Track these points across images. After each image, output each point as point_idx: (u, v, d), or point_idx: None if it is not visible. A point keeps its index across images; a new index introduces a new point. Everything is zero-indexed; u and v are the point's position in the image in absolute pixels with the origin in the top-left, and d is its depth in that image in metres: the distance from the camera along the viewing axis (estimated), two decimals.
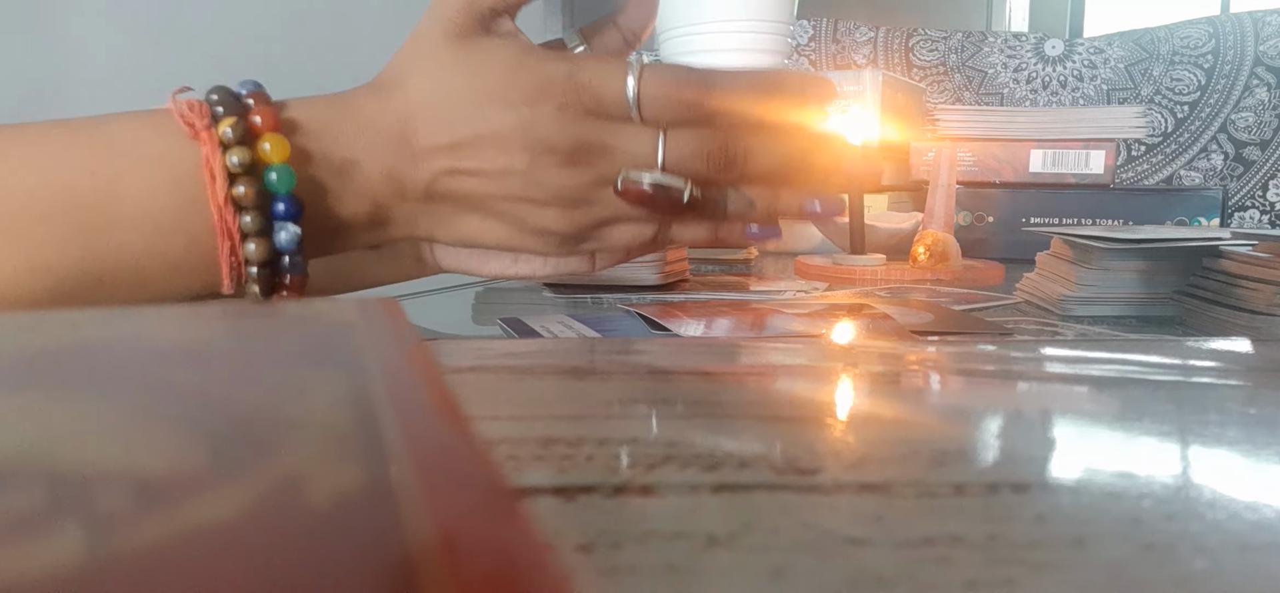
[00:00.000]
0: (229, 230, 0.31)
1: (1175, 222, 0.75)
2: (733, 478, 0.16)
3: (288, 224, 0.32)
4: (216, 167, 0.31)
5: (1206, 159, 1.20)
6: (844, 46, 1.38)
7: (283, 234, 0.32)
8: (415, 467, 0.08)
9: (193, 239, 0.31)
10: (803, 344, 0.31)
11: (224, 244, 0.31)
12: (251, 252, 0.31)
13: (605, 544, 0.13)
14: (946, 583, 0.12)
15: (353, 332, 0.15)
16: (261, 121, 0.31)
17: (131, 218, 0.30)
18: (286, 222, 0.32)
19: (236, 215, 0.31)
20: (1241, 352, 0.29)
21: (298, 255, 0.32)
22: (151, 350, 0.14)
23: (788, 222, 0.41)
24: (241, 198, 0.31)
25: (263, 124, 0.31)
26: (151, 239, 0.31)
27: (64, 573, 0.06)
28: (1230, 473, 0.17)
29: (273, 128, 0.32)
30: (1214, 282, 0.42)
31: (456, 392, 0.11)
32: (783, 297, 0.53)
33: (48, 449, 0.09)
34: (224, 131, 0.31)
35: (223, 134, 0.31)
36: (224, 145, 0.31)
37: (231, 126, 0.31)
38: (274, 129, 0.32)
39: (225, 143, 0.31)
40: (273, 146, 0.31)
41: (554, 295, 0.55)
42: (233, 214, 0.31)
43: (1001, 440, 0.19)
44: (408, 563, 0.06)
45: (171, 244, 0.31)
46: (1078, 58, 1.29)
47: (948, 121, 0.83)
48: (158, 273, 0.31)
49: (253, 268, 0.32)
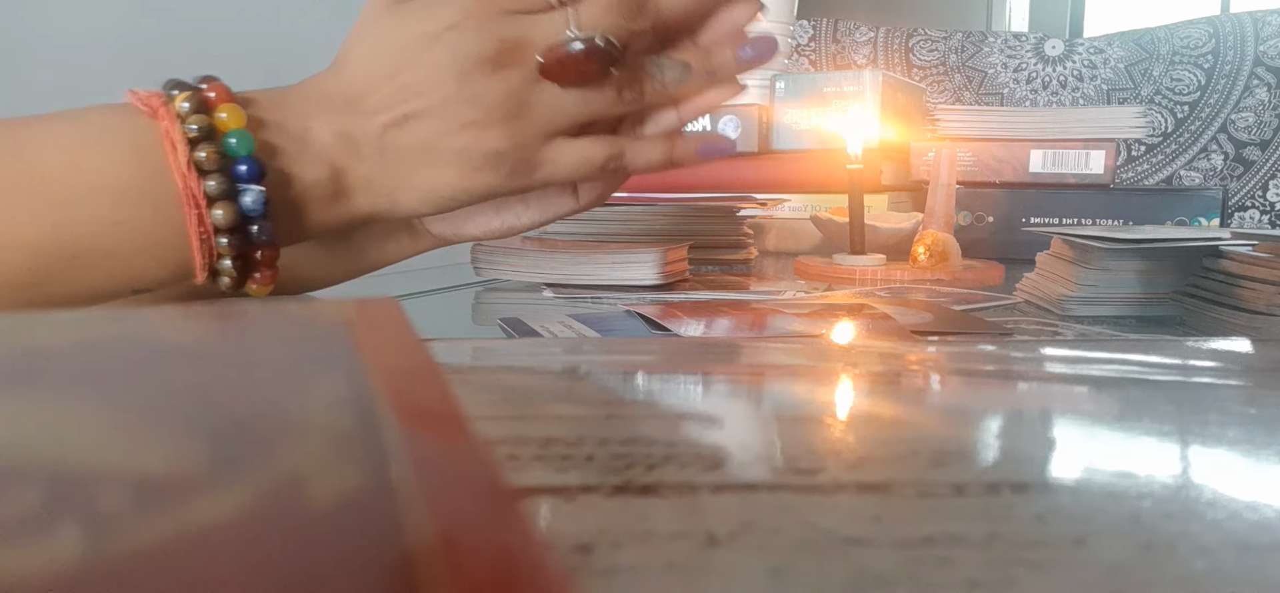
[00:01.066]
0: (194, 196, 0.32)
1: (1175, 222, 0.75)
2: (733, 478, 0.16)
3: (251, 186, 0.33)
4: (176, 137, 0.32)
5: (1206, 159, 1.20)
6: (844, 46, 1.38)
7: (247, 197, 0.33)
8: (415, 467, 0.08)
9: (158, 208, 0.32)
10: (803, 344, 0.31)
11: (191, 212, 0.32)
12: (219, 218, 0.33)
13: (605, 544, 0.13)
14: (946, 583, 0.12)
15: (353, 332, 0.15)
16: (215, 96, 0.33)
17: (99, 189, 0.32)
18: (250, 183, 0.33)
19: (200, 180, 0.32)
20: (1241, 352, 0.29)
21: (265, 220, 0.34)
22: (151, 350, 0.14)
23: (726, 93, 0.42)
24: (203, 162, 0.32)
25: (216, 98, 0.33)
26: (118, 210, 0.32)
27: (64, 573, 0.06)
28: (1230, 473, 0.17)
29: (227, 100, 0.33)
30: (1214, 282, 0.42)
31: (456, 392, 0.11)
32: (783, 297, 0.53)
33: (48, 449, 0.09)
34: (180, 106, 0.33)
35: (180, 108, 0.33)
36: (181, 118, 0.32)
37: (187, 100, 0.33)
38: (228, 100, 0.33)
39: (182, 116, 0.32)
40: (229, 114, 0.33)
41: (554, 295, 0.55)
42: (196, 179, 0.32)
43: (1001, 441, 0.19)
44: (408, 563, 0.06)
45: (139, 215, 0.32)
46: (1078, 58, 1.29)
47: (948, 121, 0.83)
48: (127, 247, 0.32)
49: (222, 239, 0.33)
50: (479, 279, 0.61)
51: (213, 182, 0.32)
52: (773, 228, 0.89)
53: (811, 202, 0.87)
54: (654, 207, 0.68)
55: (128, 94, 0.33)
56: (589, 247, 0.61)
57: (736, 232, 0.70)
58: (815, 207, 0.86)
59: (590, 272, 0.57)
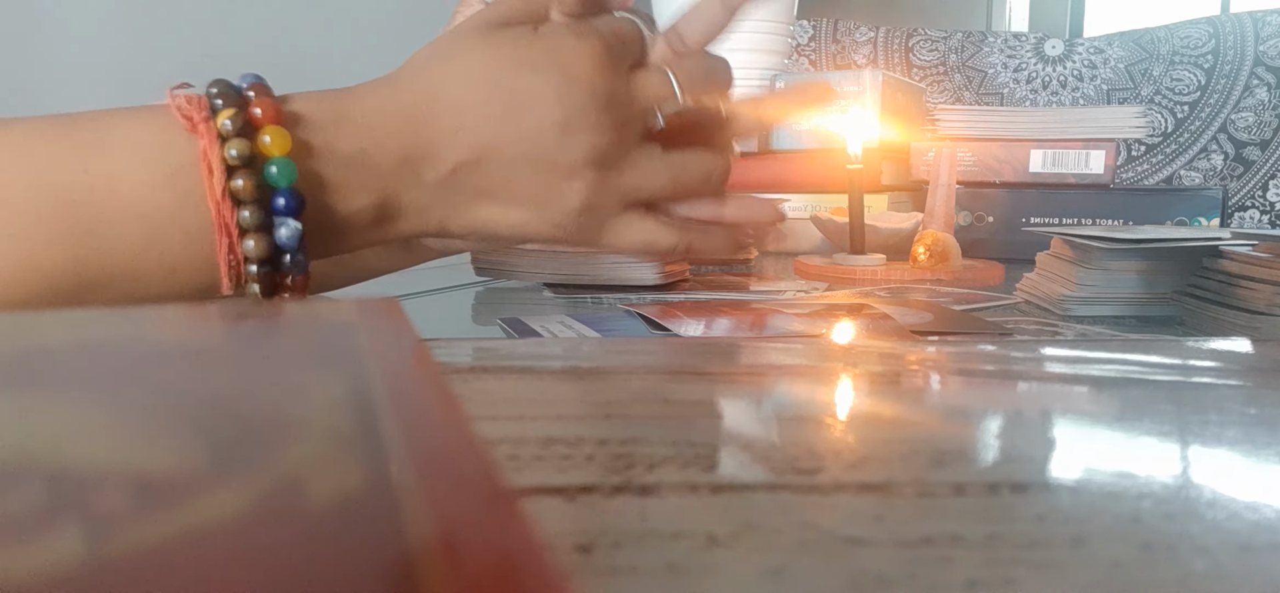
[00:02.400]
0: (227, 226, 0.30)
1: (1175, 222, 0.75)
2: (733, 478, 0.16)
3: (288, 220, 0.31)
4: (214, 160, 0.30)
5: (1206, 159, 1.20)
6: (844, 46, 1.38)
7: (283, 230, 0.31)
8: (415, 467, 0.08)
9: (189, 236, 0.30)
10: (803, 344, 0.31)
11: (222, 240, 0.30)
12: (250, 249, 0.31)
13: (605, 544, 0.13)
14: (946, 583, 0.12)
15: (353, 332, 0.15)
16: (262, 114, 0.31)
17: (126, 216, 0.30)
18: (287, 217, 0.31)
19: (234, 210, 0.30)
20: (1241, 352, 0.29)
21: (299, 254, 0.31)
22: (151, 350, 0.14)
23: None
24: (239, 192, 0.30)
25: (263, 116, 0.31)
26: (147, 237, 0.30)
27: (64, 573, 0.06)
28: (1230, 473, 0.17)
29: (274, 120, 0.31)
30: (1214, 282, 0.42)
31: (456, 392, 0.11)
32: (783, 297, 0.53)
33: (48, 449, 0.09)
34: (223, 124, 0.30)
35: (222, 126, 0.30)
36: (222, 138, 0.30)
37: (231, 119, 0.30)
38: (275, 121, 0.31)
39: (223, 136, 0.30)
40: (273, 139, 0.30)
41: (554, 295, 0.55)
42: (231, 209, 0.30)
43: (1001, 440, 0.19)
44: (408, 563, 0.06)
45: (168, 242, 0.30)
46: (1078, 58, 1.29)
47: (948, 121, 0.83)
48: (155, 272, 0.31)
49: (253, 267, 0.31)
50: (479, 279, 0.61)
51: (248, 212, 0.30)
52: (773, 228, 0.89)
53: (811, 202, 0.87)
54: None
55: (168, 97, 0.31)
56: None
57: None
58: (815, 207, 0.86)
59: (590, 272, 0.57)
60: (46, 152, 0.30)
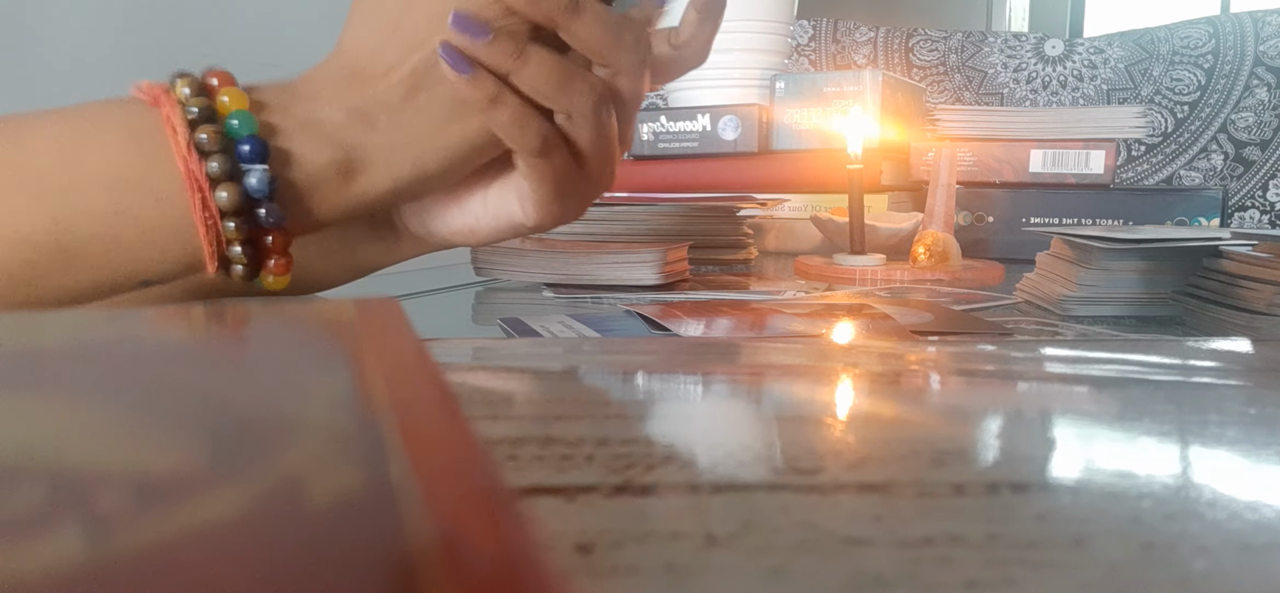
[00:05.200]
0: (196, 179, 0.32)
1: (1175, 222, 0.75)
2: (733, 478, 0.16)
3: (255, 166, 0.32)
4: (176, 120, 0.32)
5: (1206, 159, 1.20)
6: (844, 46, 1.38)
7: (252, 177, 0.32)
8: (415, 467, 0.08)
9: (161, 197, 0.32)
10: (803, 344, 0.31)
11: (195, 195, 0.32)
12: (223, 201, 0.32)
13: (605, 544, 0.13)
14: (946, 583, 0.12)
15: (353, 332, 0.15)
16: (217, 82, 0.33)
17: (96, 178, 0.31)
18: (254, 163, 0.32)
19: (202, 162, 0.32)
20: (1241, 352, 0.29)
21: (272, 202, 0.33)
22: (151, 351, 0.14)
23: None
24: (204, 143, 0.31)
25: (219, 83, 0.33)
26: (119, 198, 0.31)
27: (64, 573, 0.06)
28: (1230, 473, 0.17)
29: (229, 84, 0.33)
30: (1214, 282, 0.42)
31: (456, 392, 0.11)
32: (783, 297, 0.53)
33: (48, 449, 0.09)
34: (181, 91, 0.32)
35: (180, 94, 0.32)
36: (182, 103, 0.32)
37: (189, 85, 0.32)
38: (230, 85, 0.33)
39: (183, 101, 0.32)
40: (231, 97, 0.32)
41: (554, 295, 0.55)
42: (198, 161, 0.31)
43: (1001, 441, 0.19)
44: (408, 563, 0.06)
45: (140, 203, 0.31)
46: (1078, 58, 1.29)
47: (948, 121, 0.83)
48: (131, 237, 0.32)
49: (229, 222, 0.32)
50: (479, 279, 0.61)
51: (215, 162, 0.32)
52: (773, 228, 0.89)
53: (811, 202, 0.87)
54: (654, 206, 0.68)
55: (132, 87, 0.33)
56: (589, 247, 0.61)
57: (736, 232, 0.70)
58: (815, 207, 0.86)
59: (590, 272, 0.57)
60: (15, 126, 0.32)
